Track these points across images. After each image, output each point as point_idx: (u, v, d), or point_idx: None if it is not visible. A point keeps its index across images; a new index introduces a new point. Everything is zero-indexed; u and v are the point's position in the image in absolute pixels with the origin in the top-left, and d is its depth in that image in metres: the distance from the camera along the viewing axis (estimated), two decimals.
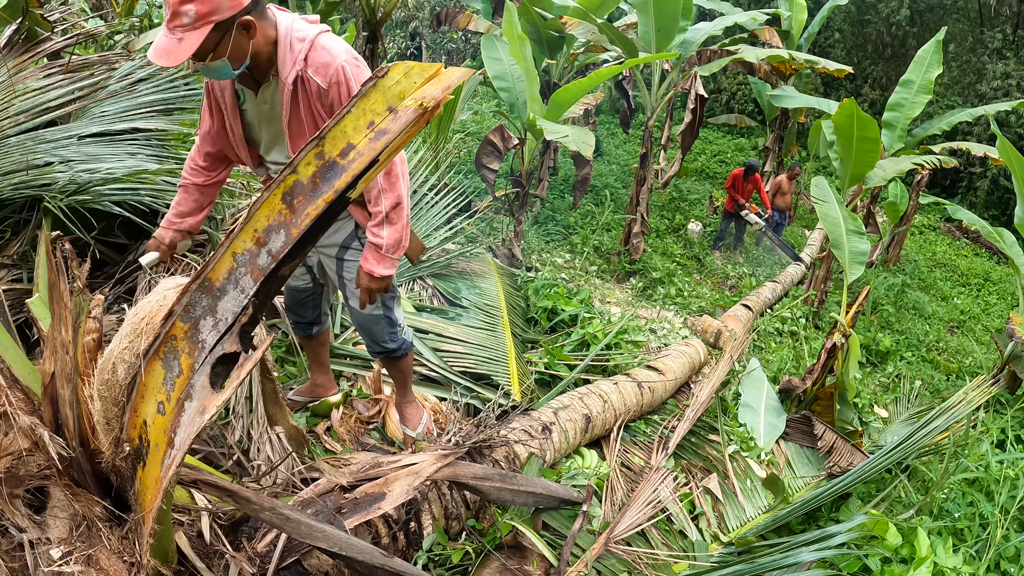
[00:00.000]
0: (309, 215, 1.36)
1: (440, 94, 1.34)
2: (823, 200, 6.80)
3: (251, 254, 1.39)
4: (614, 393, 4.20)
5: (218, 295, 1.40)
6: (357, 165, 1.35)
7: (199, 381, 1.38)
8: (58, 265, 1.64)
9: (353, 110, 1.37)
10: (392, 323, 3.00)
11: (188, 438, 1.36)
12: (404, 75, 1.37)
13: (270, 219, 1.39)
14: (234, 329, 1.36)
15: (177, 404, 1.40)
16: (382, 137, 1.35)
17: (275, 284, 1.41)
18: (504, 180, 10.21)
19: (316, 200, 1.36)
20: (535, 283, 5.98)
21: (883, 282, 10.79)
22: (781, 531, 3.75)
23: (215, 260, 1.41)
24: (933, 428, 4.35)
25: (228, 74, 2.24)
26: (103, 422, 1.55)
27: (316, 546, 1.76)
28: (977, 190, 15.71)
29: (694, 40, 9.54)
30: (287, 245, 1.37)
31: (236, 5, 2.07)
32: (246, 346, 1.38)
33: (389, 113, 1.36)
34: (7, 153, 3.52)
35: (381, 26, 10.56)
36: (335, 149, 1.36)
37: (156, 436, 1.44)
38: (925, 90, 9.91)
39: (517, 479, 2.76)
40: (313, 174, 1.37)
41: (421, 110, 1.34)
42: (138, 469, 1.51)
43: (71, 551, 1.58)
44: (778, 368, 6.72)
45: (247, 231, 1.39)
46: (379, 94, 1.37)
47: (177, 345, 1.43)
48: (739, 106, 19.31)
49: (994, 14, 16.28)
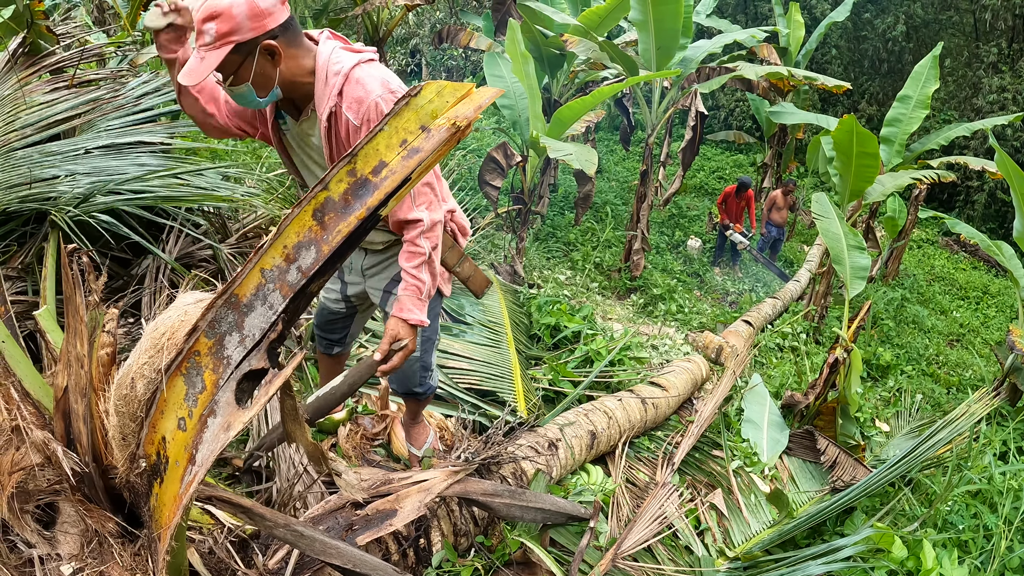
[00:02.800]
0: (341, 232, 1.36)
1: (472, 113, 1.36)
2: (823, 216, 6.83)
3: (280, 270, 1.39)
4: (619, 409, 4.20)
5: (245, 311, 1.40)
6: (390, 183, 1.36)
7: (224, 397, 1.37)
8: (74, 278, 1.64)
9: (386, 128, 1.38)
10: (426, 368, 2.94)
11: (212, 455, 1.36)
12: (437, 94, 1.39)
13: (300, 235, 1.39)
14: (262, 345, 1.36)
15: (200, 420, 1.40)
16: (415, 155, 1.36)
17: (304, 301, 1.41)
18: (506, 197, 10.24)
19: (348, 217, 1.37)
20: (538, 300, 5.99)
21: (882, 296, 10.81)
22: (786, 546, 3.75)
23: (243, 276, 1.41)
24: (936, 441, 4.35)
25: (256, 102, 2.16)
26: (119, 437, 1.55)
27: (330, 563, 1.76)
28: (975, 204, 15.77)
29: (693, 58, 9.61)
30: (318, 262, 1.37)
31: (259, 28, 2.01)
32: (274, 363, 1.38)
33: (422, 131, 1.37)
34: (13, 166, 3.54)
35: (383, 43, 10.65)
36: (367, 167, 1.37)
37: (176, 452, 1.44)
38: (922, 105, 9.98)
39: (526, 495, 2.76)
40: (345, 191, 1.38)
41: (454, 129, 1.36)
42: (154, 485, 1.51)
43: (82, 567, 1.58)
44: (780, 383, 6.72)
45: (276, 247, 1.39)
46: (412, 113, 1.38)
47: (200, 361, 1.43)
48: (737, 123, 19.42)
49: (989, 29, 16.40)
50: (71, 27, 5.19)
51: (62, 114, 3.98)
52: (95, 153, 3.85)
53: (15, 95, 3.93)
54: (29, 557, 1.57)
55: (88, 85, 4.24)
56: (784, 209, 12.08)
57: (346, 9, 10.49)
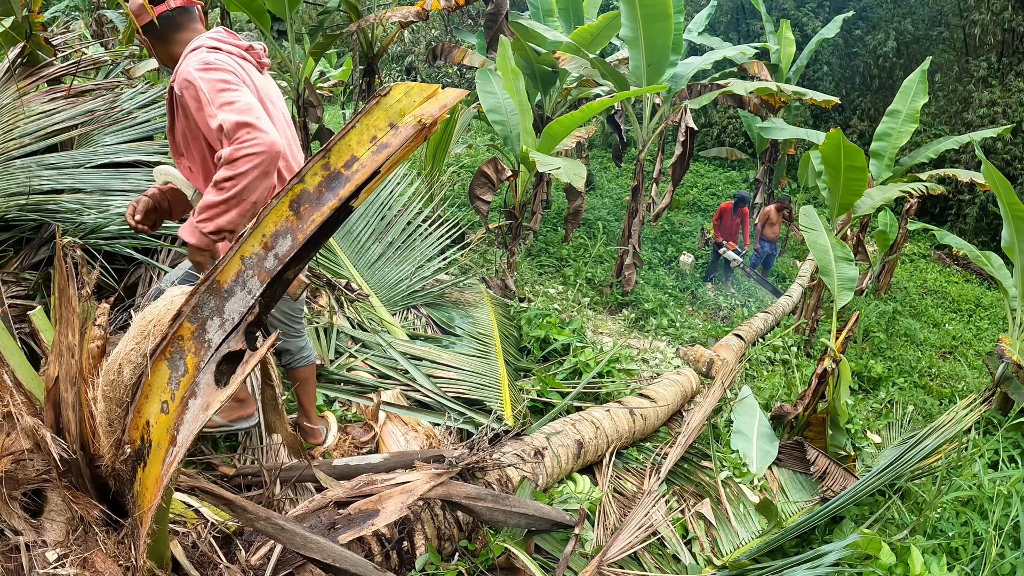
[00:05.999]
0: (315, 221, 1.45)
1: (437, 111, 1.44)
2: (811, 228, 6.89)
3: (259, 257, 1.47)
4: (606, 420, 4.23)
5: (226, 296, 1.48)
6: (360, 176, 1.45)
7: (204, 379, 1.44)
8: (68, 271, 1.69)
9: (357, 125, 1.47)
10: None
11: (191, 434, 1.41)
12: (405, 94, 1.47)
13: (278, 225, 1.48)
14: (240, 328, 1.44)
15: (181, 402, 1.45)
16: (384, 150, 1.44)
17: (280, 286, 1.49)
18: (497, 212, 10.29)
19: (321, 207, 1.45)
20: (528, 313, 6.03)
21: (874, 309, 10.85)
22: (775, 554, 3.76)
23: (223, 263, 1.49)
24: (924, 447, 4.38)
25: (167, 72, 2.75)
26: (105, 424, 1.60)
27: (310, 558, 1.79)
28: (966, 217, 15.85)
29: (684, 74, 9.70)
30: (293, 249, 1.45)
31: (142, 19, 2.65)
32: (251, 344, 1.45)
33: (390, 128, 1.46)
34: (12, 175, 3.59)
35: (378, 60, 10.74)
36: (340, 161, 1.46)
37: (159, 435, 1.49)
38: (912, 119, 10.06)
39: (510, 500, 2.79)
40: (319, 184, 1.47)
41: (420, 126, 1.44)
42: (138, 470, 1.55)
43: (67, 554, 1.61)
44: (770, 395, 6.75)
45: (255, 236, 1.48)
46: (381, 111, 1.47)
47: (184, 345, 1.50)
48: (729, 139, 19.53)
49: (979, 43, 16.55)
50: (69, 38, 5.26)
51: (60, 124, 4.03)
52: (93, 169, 3.90)
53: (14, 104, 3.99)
54: (16, 544, 1.60)
55: (85, 95, 4.30)
56: (777, 225, 12.15)
57: (342, 26, 10.59)
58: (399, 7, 9.22)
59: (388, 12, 8.99)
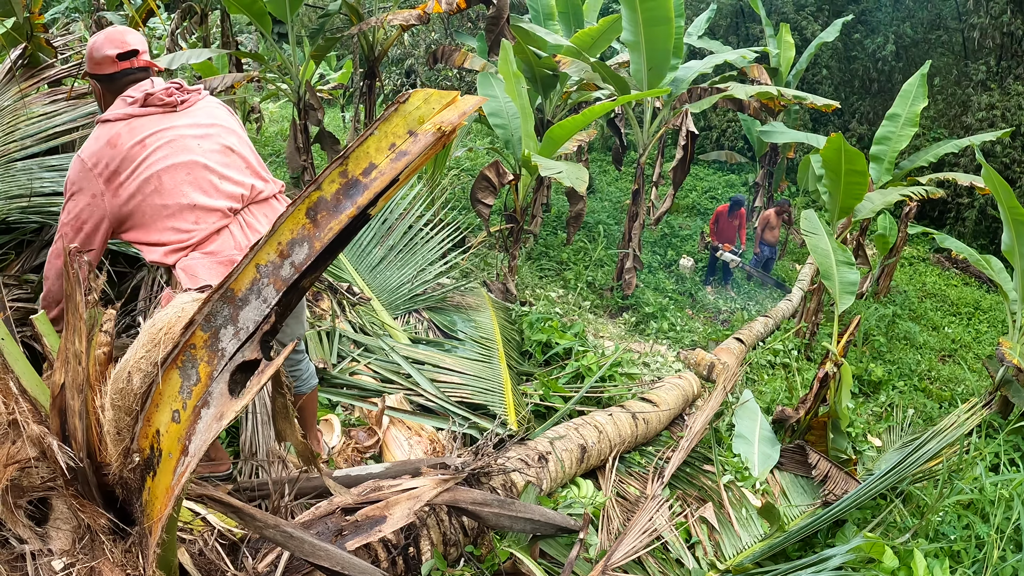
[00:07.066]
0: (332, 229, 1.43)
1: (456, 119, 1.43)
2: (812, 232, 6.89)
3: (274, 265, 1.45)
4: (609, 424, 4.22)
5: (240, 304, 1.46)
6: (379, 183, 1.43)
7: (217, 388, 1.42)
8: (74, 276, 1.68)
9: (376, 132, 1.45)
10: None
11: (203, 444, 1.40)
12: (424, 101, 1.46)
13: (294, 232, 1.46)
14: (255, 337, 1.42)
15: (193, 412, 1.43)
16: (403, 158, 1.43)
17: (296, 295, 1.47)
18: (498, 216, 10.28)
19: (339, 215, 1.44)
20: (529, 317, 6.03)
21: (874, 313, 10.85)
22: (778, 558, 3.76)
23: (238, 272, 1.47)
24: (926, 451, 4.38)
25: None
26: (113, 432, 1.58)
27: (318, 565, 1.78)
28: (965, 220, 15.85)
29: (685, 78, 9.70)
30: (310, 257, 1.43)
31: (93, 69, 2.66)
32: (266, 354, 1.43)
33: (409, 136, 1.44)
34: (14, 177, 3.58)
35: (378, 63, 10.75)
36: (358, 168, 1.45)
37: (169, 444, 1.47)
38: (911, 123, 10.06)
39: (515, 505, 2.78)
40: (337, 191, 1.45)
41: (439, 133, 1.43)
42: (147, 479, 1.54)
43: (73, 563, 1.60)
44: (771, 399, 6.74)
45: (271, 244, 1.46)
46: (400, 118, 1.45)
47: (196, 354, 1.48)
48: (729, 143, 19.54)
49: (978, 47, 16.57)
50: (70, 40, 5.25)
51: (61, 127, 4.02)
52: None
53: (15, 106, 3.98)
54: (21, 552, 1.59)
55: (87, 97, 4.29)
56: (776, 228, 12.14)
57: (342, 29, 10.59)
58: (400, 10, 9.23)
59: (389, 15, 9.00)
